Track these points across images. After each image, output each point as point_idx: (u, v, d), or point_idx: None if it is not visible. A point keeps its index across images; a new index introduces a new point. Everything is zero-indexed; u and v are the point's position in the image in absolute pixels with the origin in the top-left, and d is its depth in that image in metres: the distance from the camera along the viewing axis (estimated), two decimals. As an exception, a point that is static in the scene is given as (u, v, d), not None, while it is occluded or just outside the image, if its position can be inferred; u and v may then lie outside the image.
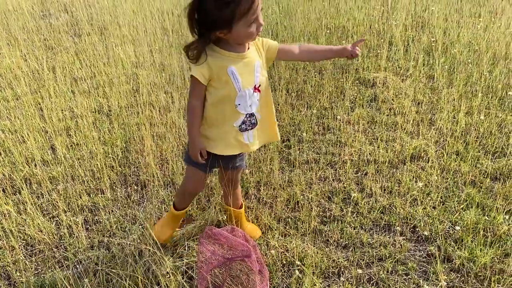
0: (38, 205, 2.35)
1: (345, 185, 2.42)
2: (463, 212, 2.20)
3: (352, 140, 2.78)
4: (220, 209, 2.27)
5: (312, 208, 2.25)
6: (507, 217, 2.14)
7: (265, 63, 1.75)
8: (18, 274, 1.97)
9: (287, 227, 2.16)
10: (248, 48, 1.66)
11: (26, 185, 2.48)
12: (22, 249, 2.10)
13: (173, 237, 2.07)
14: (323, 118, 3.04)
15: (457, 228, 2.10)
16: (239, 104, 1.67)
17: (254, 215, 2.23)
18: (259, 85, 1.71)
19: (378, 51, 3.90)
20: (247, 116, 1.72)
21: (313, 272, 1.90)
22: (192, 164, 1.84)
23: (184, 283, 1.84)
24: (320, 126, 2.96)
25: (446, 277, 1.86)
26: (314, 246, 2.04)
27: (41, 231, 2.17)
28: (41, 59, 3.91)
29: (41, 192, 2.46)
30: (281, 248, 2.03)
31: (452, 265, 1.94)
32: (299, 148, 2.74)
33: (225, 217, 2.17)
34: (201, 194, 2.37)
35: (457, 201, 2.28)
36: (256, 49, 1.71)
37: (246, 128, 1.75)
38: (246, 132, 1.76)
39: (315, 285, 1.84)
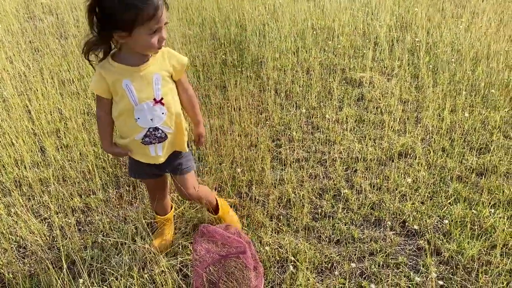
0: (29, 207, 2.34)
1: (335, 183, 2.47)
2: (451, 207, 2.26)
3: (341, 138, 2.82)
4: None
5: (303, 205, 2.28)
6: (492, 210, 2.21)
7: (174, 73, 1.69)
8: (11, 276, 1.96)
9: (280, 224, 2.19)
10: (147, 60, 1.60)
11: (16, 187, 2.46)
12: (14, 251, 2.09)
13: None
14: (312, 117, 3.08)
15: (445, 221, 2.16)
16: (138, 118, 1.64)
17: (246, 213, 2.25)
18: (161, 98, 1.65)
19: (364, 51, 3.97)
20: (150, 130, 1.68)
21: (307, 268, 1.93)
22: (133, 176, 1.96)
23: (180, 281, 1.86)
24: (310, 125, 3.00)
25: (435, 269, 1.91)
26: (307, 242, 2.07)
27: (33, 233, 2.16)
28: (28, 61, 3.87)
29: (32, 194, 2.45)
30: (274, 245, 2.06)
31: (441, 258, 1.99)
32: (289, 147, 2.77)
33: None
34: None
35: (444, 196, 2.33)
36: (161, 61, 1.64)
37: (150, 142, 1.71)
38: (152, 145, 1.72)
39: (308, 280, 1.88)
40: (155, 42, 1.52)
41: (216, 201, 2.10)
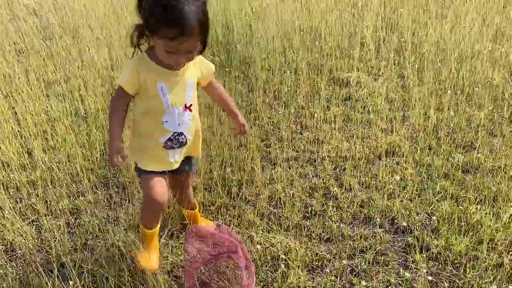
0: (16, 210, 2.31)
1: (324, 181, 2.49)
2: (438, 204, 2.29)
3: (329, 137, 2.85)
4: (201, 208, 2.29)
5: (294, 204, 2.30)
6: (478, 207, 2.25)
7: (202, 79, 1.72)
8: (0, 279, 1.93)
9: (270, 223, 2.20)
10: (184, 65, 1.59)
11: (3, 190, 2.43)
12: (2, 254, 2.06)
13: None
14: (301, 117, 3.10)
15: (433, 218, 2.19)
16: (166, 121, 1.62)
17: (237, 213, 2.26)
18: (191, 105, 1.66)
19: (351, 51, 4.01)
20: (175, 134, 1.66)
21: (298, 266, 1.94)
22: (146, 172, 1.73)
23: (172, 281, 1.86)
24: (298, 125, 3.02)
25: (424, 265, 1.94)
26: (297, 241, 2.09)
27: (21, 236, 2.14)
28: (12, 63, 3.82)
29: (19, 196, 2.42)
30: (266, 244, 2.06)
31: (430, 254, 2.02)
32: (279, 147, 2.79)
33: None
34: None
35: (432, 193, 2.37)
36: (193, 67, 1.65)
37: (172, 146, 1.68)
38: (172, 150, 1.70)
39: (300, 278, 1.89)
40: (169, 60, 1.51)
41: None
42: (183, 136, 1.69)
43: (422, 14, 4.75)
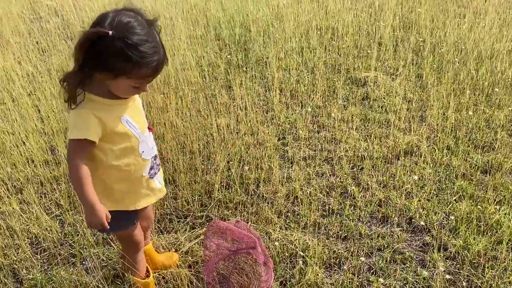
0: (41, 205, 2.37)
1: (342, 180, 2.50)
2: (456, 204, 2.29)
3: (347, 137, 2.86)
4: (219, 205, 2.33)
5: (311, 203, 2.32)
6: (498, 207, 2.24)
7: None
8: (25, 271, 2.00)
9: (288, 221, 2.23)
10: None
11: (28, 185, 2.50)
12: (28, 247, 2.12)
13: None
14: (318, 116, 3.12)
15: (451, 217, 2.19)
16: (143, 152, 1.51)
17: (254, 210, 2.29)
18: (148, 123, 1.58)
19: (368, 51, 4.00)
20: (152, 159, 1.57)
21: (315, 263, 1.96)
22: (119, 229, 1.63)
23: (192, 276, 1.89)
24: (315, 124, 3.04)
25: (442, 264, 1.95)
26: (315, 238, 2.11)
27: (46, 229, 2.20)
28: (35, 62, 3.91)
29: (43, 191, 2.48)
30: (283, 241, 2.09)
31: (448, 253, 2.03)
32: (296, 146, 2.81)
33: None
34: (202, 191, 2.42)
35: (450, 193, 2.37)
36: None
37: (155, 173, 1.60)
38: (156, 176, 1.61)
39: (318, 275, 1.91)
40: (131, 93, 1.42)
41: None
42: (157, 157, 1.61)
43: (441, 14, 4.72)
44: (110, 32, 1.24)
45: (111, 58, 1.28)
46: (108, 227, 1.40)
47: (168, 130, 2.86)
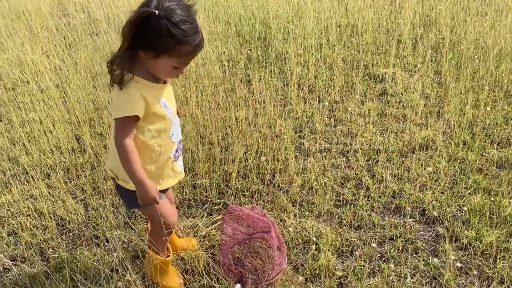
0: (67, 189, 2.49)
1: (356, 172, 2.54)
2: (470, 197, 2.31)
3: (363, 131, 2.89)
4: (236, 193, 2.40)
5: (326, 193, 2.37)
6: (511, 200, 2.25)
7: None
8: (51, 250, 2.11)
9: (302, 209, 2.29)
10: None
11: (55, 171, 2.62)
12: (54, 228, 2.24)
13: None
14: (335, 110, 3.16)
15: (464, 209, 2.21)
16: (172, 134, 1.62)
17: (270, 198, 2.35)
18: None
19: (387, 48, 4.02)
20: (178, 143, 1.67)
21: (328, 249, 2.02)
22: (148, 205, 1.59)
23: (208, 258, 1.97)
24: (332, 118, 3.08)
25: (453, 253, 1.98)
26: (328, 227, 2.16)
27: (71, 212, 2.31)
28: (62, 56, 4.07)
29: (68, 177, 2.60)
30: (297, 227, 2.15)
31: (460, 244, 2.05)
32: (312, 138, 2.86)
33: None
34: (220, 180, 2.50)
35: (464, 186, 2.39)
36: None
37: (178, 156, 1.69)
38: (179, 160, 1.71)
39: (330, 261, 1.97)
40: (171, 75, 1.52)
41: None
42: (181, 143, 1.71)
43: (461, 12, 4.70)
44: (156, 12, 1.36)
45: (156, 36, 1.39)
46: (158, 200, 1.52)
47: (188, 121, 2.95)
